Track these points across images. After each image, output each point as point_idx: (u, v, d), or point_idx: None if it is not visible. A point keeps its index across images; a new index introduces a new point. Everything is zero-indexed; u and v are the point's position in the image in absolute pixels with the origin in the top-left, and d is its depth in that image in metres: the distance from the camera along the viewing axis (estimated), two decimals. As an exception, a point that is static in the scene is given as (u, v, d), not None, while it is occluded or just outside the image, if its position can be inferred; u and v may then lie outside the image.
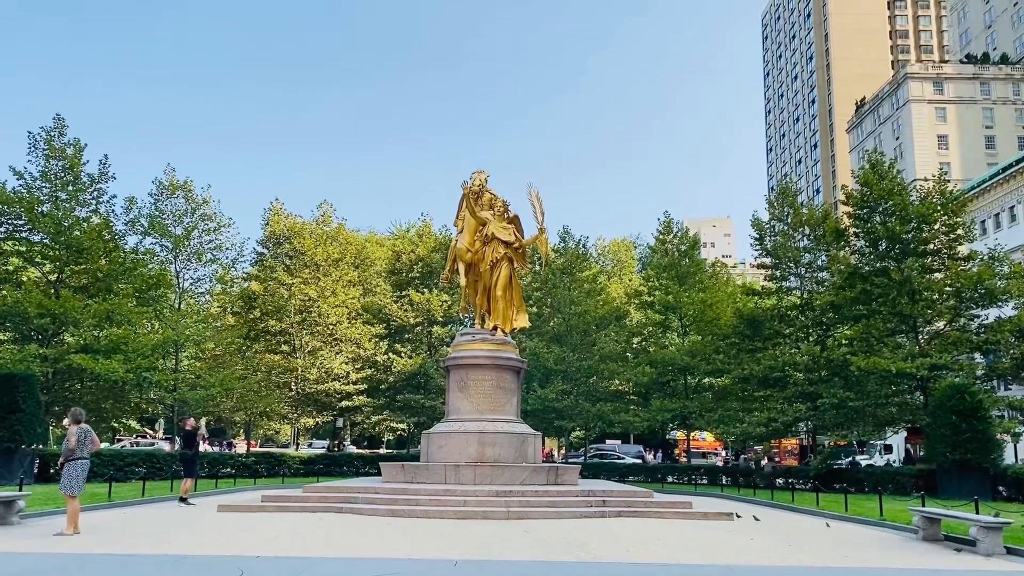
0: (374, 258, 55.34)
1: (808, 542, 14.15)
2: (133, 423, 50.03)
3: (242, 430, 62.64)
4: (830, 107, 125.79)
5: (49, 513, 15.93)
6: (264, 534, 13.55)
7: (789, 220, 36.84)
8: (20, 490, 15.94)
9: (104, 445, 39.55)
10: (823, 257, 36.14)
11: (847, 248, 35.26)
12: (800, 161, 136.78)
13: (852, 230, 34.29)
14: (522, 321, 24.41)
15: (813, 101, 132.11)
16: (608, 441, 62.63)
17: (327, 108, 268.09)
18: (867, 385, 30.76)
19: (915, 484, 25.94)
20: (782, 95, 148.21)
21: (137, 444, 51.50)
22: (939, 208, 31.44)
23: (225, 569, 10.04)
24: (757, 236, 37.64)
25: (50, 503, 17.17)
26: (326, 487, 20.57)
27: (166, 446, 43.61)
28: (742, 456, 51.06)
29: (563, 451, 55.92)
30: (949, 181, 34.89)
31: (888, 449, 37.23)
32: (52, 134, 31.88)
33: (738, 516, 18.25)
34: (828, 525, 17.26)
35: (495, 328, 23.17)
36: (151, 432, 63.66)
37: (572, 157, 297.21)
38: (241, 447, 57.98)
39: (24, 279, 32.15)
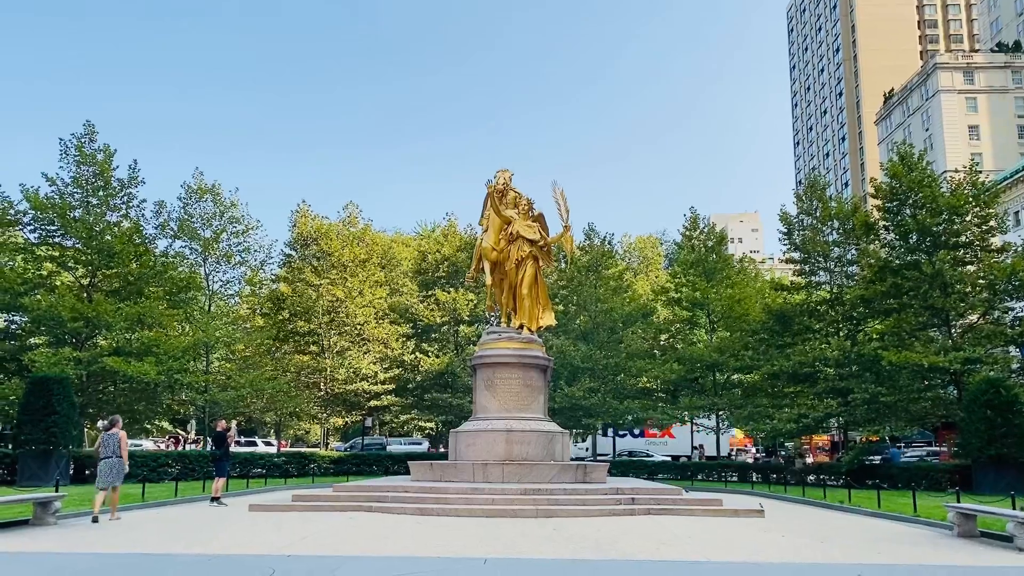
0: (400, 258, 55.68)
1: (840, 538, 13.98)
2: (166, 424, 50.65)
3: (272, 430, 63.23)
4: (858, 99, 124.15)
5: (85, 513, 16.16)
6: (295, 533, 13.65)
7: (818, 214, 36.40)
8: (56, 491, 16.19)
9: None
10: (853, 251, 35.69)
11: (877, 241, 34.78)
12: (828, 154, 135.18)
13: (882, 223, 33.83)
14: (548, 319, 24.34)
15: (840, 93, 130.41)
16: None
17: (351, 107, 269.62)
18: (899, 380, 30.35)
19: (950, 480, 25.56)
20: (809, 88, 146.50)
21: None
22: (970, 199, 30.92)
23: (257, 568, 10.11)
24: (785, 231, 37.29)
25: (86, 504, 17.39)
26: (356, 486, 20.70)
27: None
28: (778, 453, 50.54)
29: None
30: (981, 172, 34.27)
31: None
32: (83, 140, 32.38)
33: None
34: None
35: (521, 326, 23.15)
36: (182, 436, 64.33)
37: (596, 152, 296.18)
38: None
39: (58, 283, 32.65)
